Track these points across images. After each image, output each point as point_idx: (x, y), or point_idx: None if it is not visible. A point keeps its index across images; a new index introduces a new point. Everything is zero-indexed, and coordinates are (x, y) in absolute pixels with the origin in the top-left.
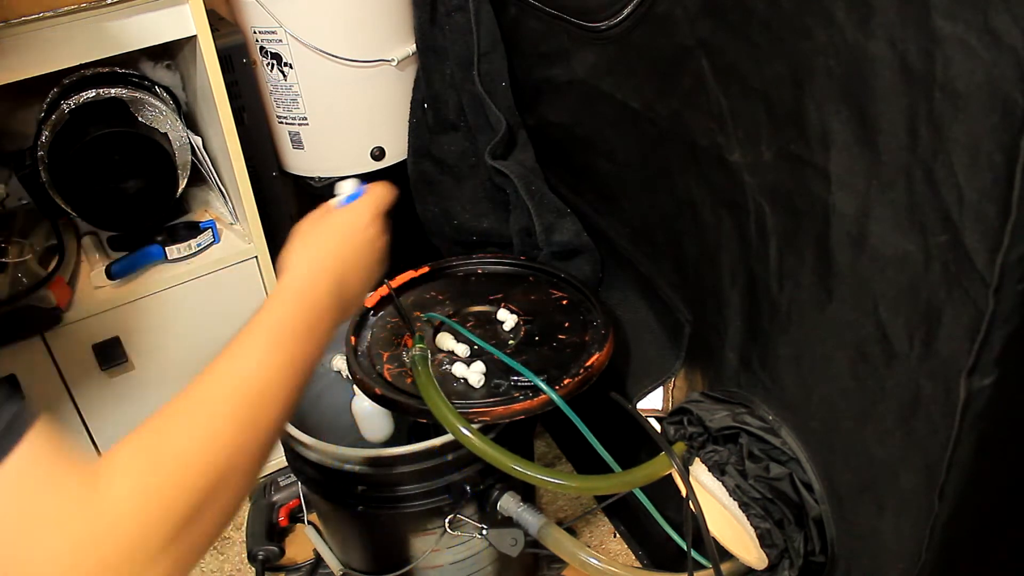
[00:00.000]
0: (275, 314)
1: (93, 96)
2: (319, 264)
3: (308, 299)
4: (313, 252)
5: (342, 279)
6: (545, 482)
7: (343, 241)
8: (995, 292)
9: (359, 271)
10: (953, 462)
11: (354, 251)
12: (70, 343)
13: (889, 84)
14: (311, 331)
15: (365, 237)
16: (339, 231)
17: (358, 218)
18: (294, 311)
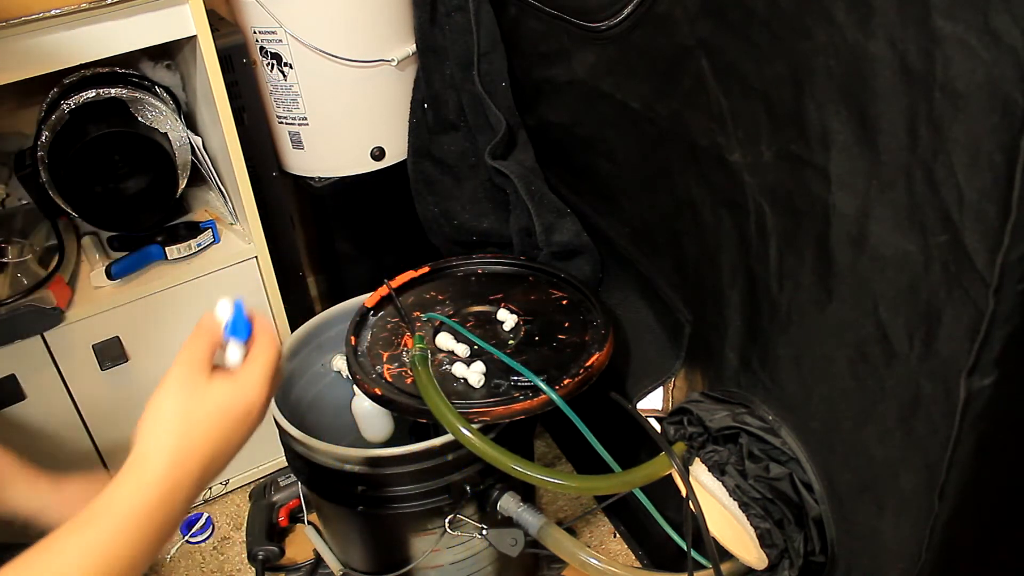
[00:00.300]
0: (123, 506)
1: (93, 96)
2: (189, 447)
3: (157, 516)
4: (184, 430)
5: (209, 466)
6: (545, 482)
7: (222, 421)
8: (995, 292)
9: (232, 450)
10: (953, 462)
11: (232, 431)
12: (70, 343)
13: (889, 84)
14: (142, 557)
15: (249, 416)
16: (221, 408)
17: (255, 399)
18: (129, 534)
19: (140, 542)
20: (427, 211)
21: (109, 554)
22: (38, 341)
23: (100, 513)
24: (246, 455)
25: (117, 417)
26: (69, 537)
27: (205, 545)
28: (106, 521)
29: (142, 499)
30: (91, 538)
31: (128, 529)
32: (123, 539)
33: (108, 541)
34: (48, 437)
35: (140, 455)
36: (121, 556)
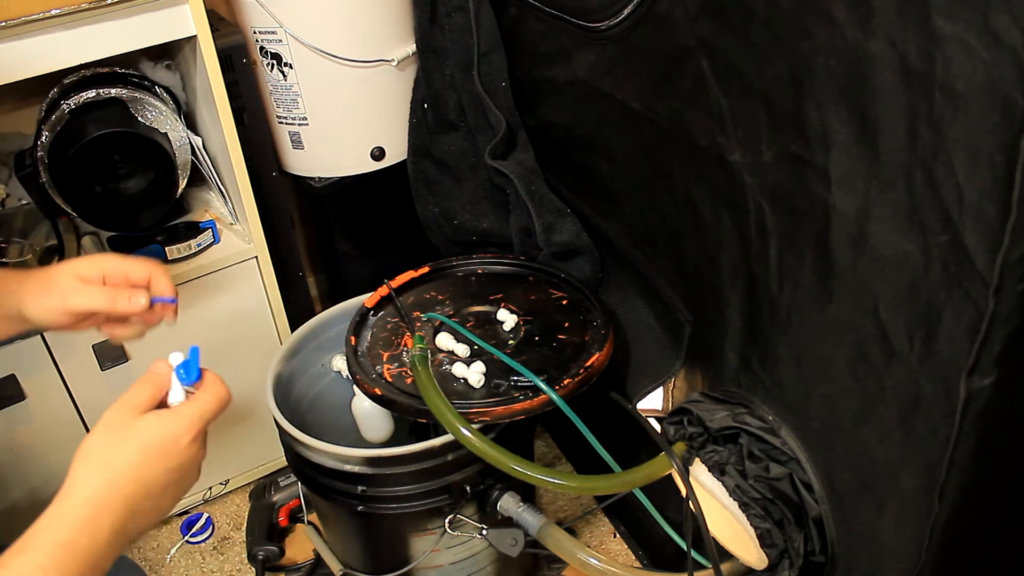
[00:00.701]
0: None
1: (93, 96)
2: (111, 487)
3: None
4: (111, 469)
5: (136, 509)
6: (545, 482)
7: (146, 452)
8: (995, 292)
9: (161, 499)
10: (953, 462)
11: (156, 461)
12: (70, 343)
13: (889, 84)
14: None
15: (181, 459)
16: (151, 448)
17: (177, 432)
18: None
19: (64, 573)
20: (427, 211)
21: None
22: (38, 341)
23: (22, 547)
24: (246, 455)
25: None
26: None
27: (205, 545)
28: (31, 555)
29: (61, 531)
30: (14, 572)
31: (50, 563)
32: (46, 570)
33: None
34: (48, 437)
35: (65, 489)
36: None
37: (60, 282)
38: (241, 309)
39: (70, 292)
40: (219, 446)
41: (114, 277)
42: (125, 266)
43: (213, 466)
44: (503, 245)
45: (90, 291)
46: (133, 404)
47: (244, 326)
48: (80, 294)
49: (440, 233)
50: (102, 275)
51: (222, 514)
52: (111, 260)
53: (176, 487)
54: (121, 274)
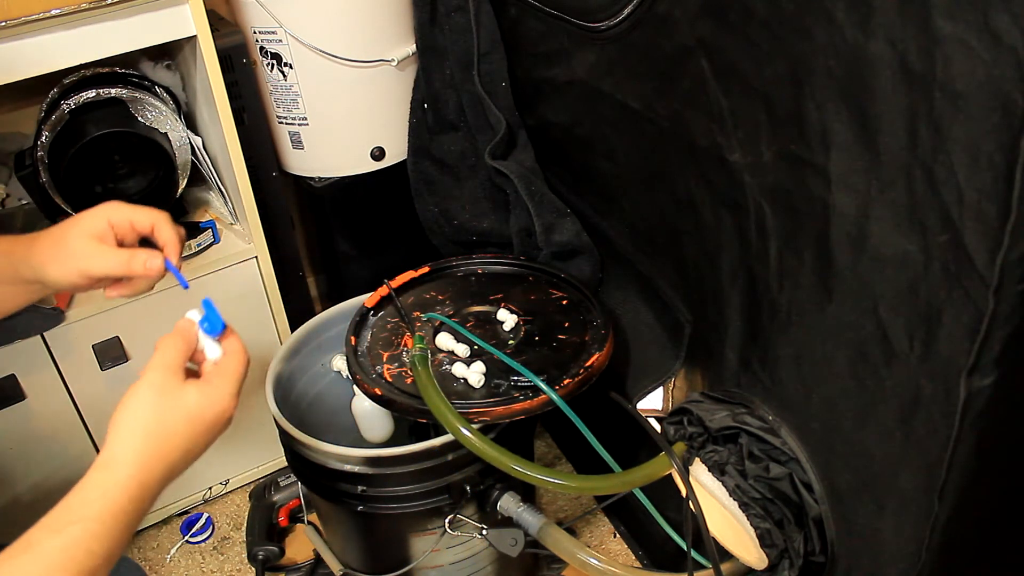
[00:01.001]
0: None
1: (93, 96)
2: (157, 452)
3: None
4: (154, 434)
5: (175, 469)
6: (545, 482)
7: (192, 427)
8: (995, 292)
9: (197, 454)
10: (953, 462)
11: (200, 437)
12: (70, 343)
13: (889, 84)
14: (116, 552)
15: (218, 423)
16: (198, 422)
17: (224, 406)
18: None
19: (112, 540)
20: (427, 211)
21: (85, 554)
22: (38, 341)
23: (76, 515)
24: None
25: None
26: (49, 538)
27: (205, 545)
28: (82, 524)
29: (113, 501)
30: (69, 539)
31: (102, 530)
32: (98, 540)
33: (85, 542)
34: (48, 437)
35: (111, 457)
36: (95, 554)
37: (75, 245)
38: (241, 309)
39: (87, 256)
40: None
41: (120, 226)
42: (130, 214)
43: (213, 466)
44: (503, 245)
45: (107, 255)
46: (172, 365)
47: (244, 326)
48: (97, 258)
49: (440, 233)
50: (110, 227)
51: (222, 514)
52: (116, 209)
53: (202, 452)
54: (126, 222)
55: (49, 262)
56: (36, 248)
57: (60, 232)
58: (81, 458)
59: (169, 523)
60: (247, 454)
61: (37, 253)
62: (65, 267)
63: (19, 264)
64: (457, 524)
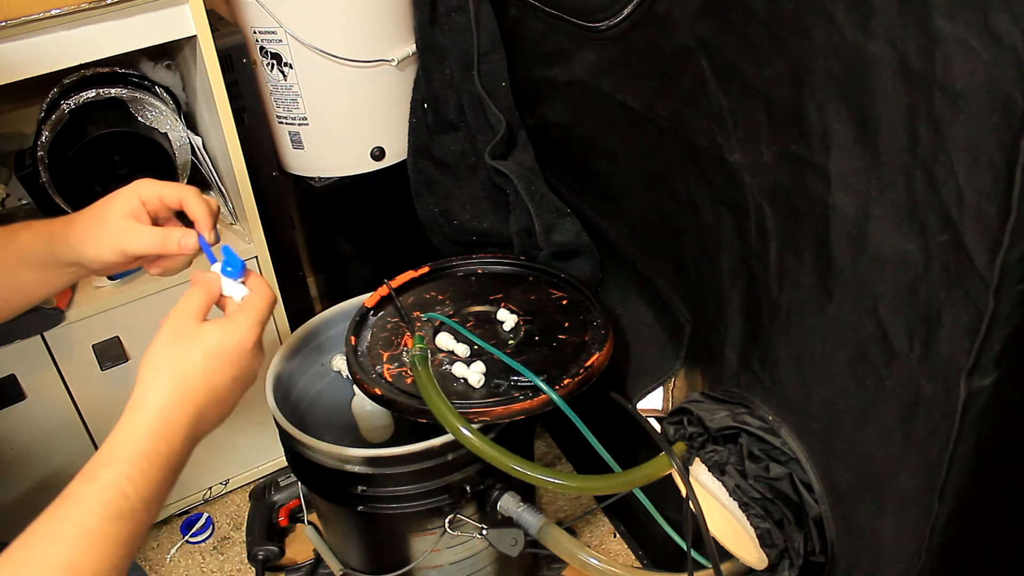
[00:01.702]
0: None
1: (93, 96)
2: (182, 387)
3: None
4: (177, 371)
5: (206, 404)
6: (545, 482)
7: (213, 361)
8: (995, 292)
9: (226, 390)
10: (953, 462)
11: (224, 370)
12: (70, 343)
13: (889, 84)
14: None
15: (242, 355)
16: (218, 356)
17: (241, 339)
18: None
19: (147, 482)
20: (427, 211)
21: (120, 496)
22: (38, 341)
23: (106, 458)
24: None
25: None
26: (83, 485)
27: (205, 545)
28: (112, 467)
29: (141, 440)
30: (102, 483)
31: (134, 471)
32: (130, 480)
33: (118, 483)
34: (48, 437)
35: (138, 398)
36: (131, 496)
37: (111, 224)
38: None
39: (123, 234)
40: (219, 446)
41: (151, 203)
42: (160, 190)
43: (213, 466)
44: (503, 245)
45: (142, 233)
46: (192, 310)
47: None
48: (133, 237)
49: (440, 233)
50: (142, 204)
51: (222, 514)
52: (146, 185)
53: (239, 392)
54: (156, 198)
55: (86, 241)
56: (73, 229)
57: (97, 212)
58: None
59: (169, 523)
60: (247, 454)
61: (75, 234)
62: (102, 246)
63: (58, 247)
64: (457, 524)
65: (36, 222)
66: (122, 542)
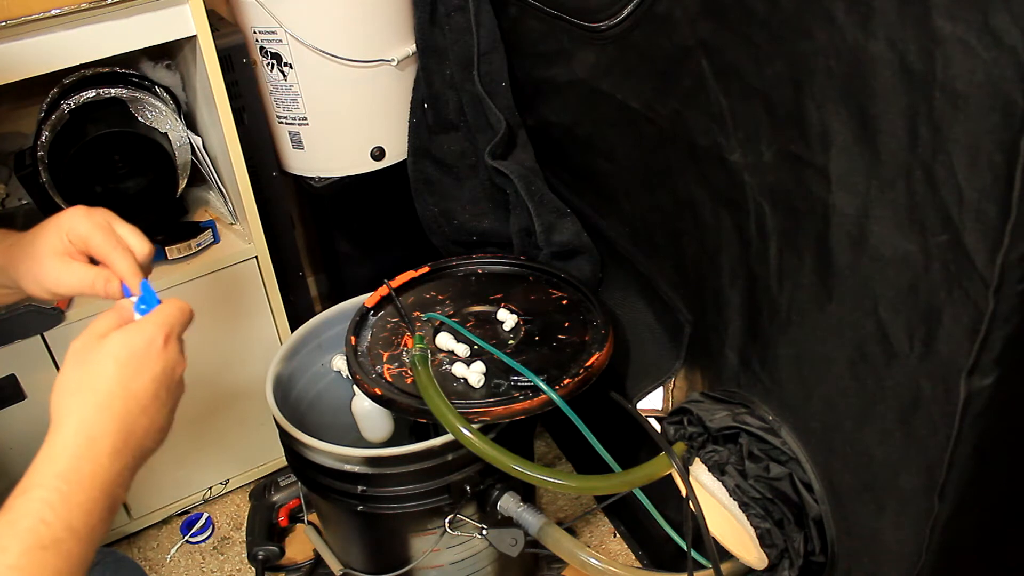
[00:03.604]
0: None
1: (93, 96)
2: (98, 409)
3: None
4: (90, 392)
5: (133, 425)
6: (545, 482)
7: (131, 372)
8: (995, 292)
9: (152, 411)
10: (953, 462)
11: (146, 384)
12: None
13: (889, 84)
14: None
15: (159, 365)
16: (126, 359)
17: (147, 336)
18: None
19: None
20: (427, 211)
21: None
22: (38, 341)
23: (23, 487)
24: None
25: None
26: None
27: (205, 545)
28: (31, 493)
29: (62, 459)
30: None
31: (53, 496)
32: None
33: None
34: None
35: (54, 424)
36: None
37: (43, 263)
38: (241, 309)
39: (53, 275)
40: (219, 446)
41: (78, 243)
42: (88, 234)
43: (213, 466)
44: (503, 245)
45: (70, 276)
46: (97, 332)
47: (244, 326)
48: (62, 279)
49: (440, 233)
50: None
51: (222, 514)
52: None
53: (165, 396)
54: (82, 241)
55: (24, 276)
56: (13, 261)
57: (30, 248)
58: None
59: (169, 523)
60: (247, 454)
61: (14, 265)
62: (33, 284)
63: (9, 272)
64: (457, 524)
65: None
66: (56, 571)
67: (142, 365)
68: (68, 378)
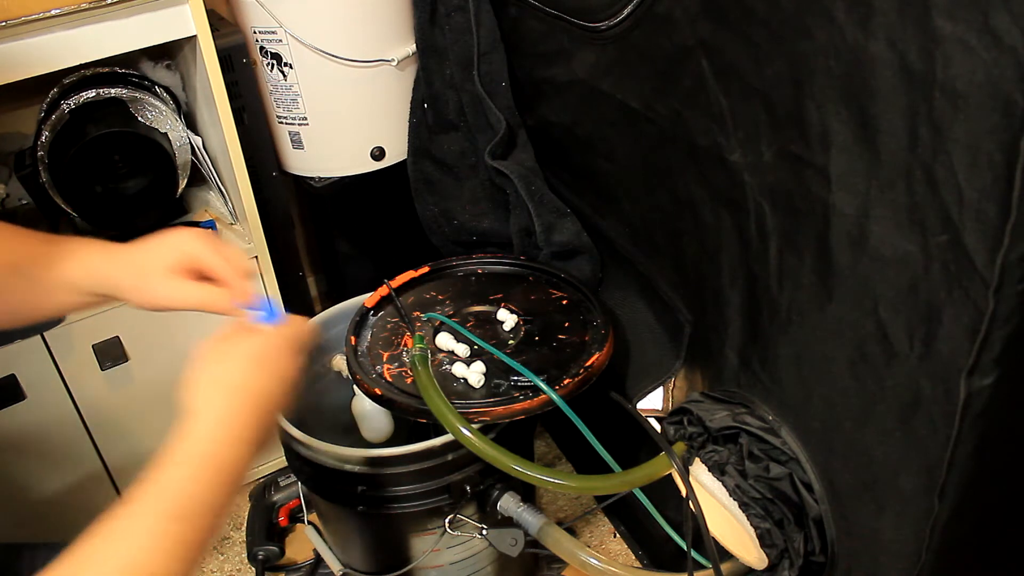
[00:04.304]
0: (174, 479)
1: (93, 96)
2: (237, 402)
3: (220, 458)
4: (227, 386)
5: (261, 419)
6: (545, 482)
7: (260, 371)
8: (995, 292)
9: (275, 407)
10: (953, 462)
11: (273, 384)
12: (70, 343)
13: (889, 84)
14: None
15: (282, 369)
16: (255, 359)
17: (279, 342)
18: (196, 475)
19: (203, 484)
20: (427, 211)
21: (184, 496)
22: (38, 341)
23: (167, 463)
24: None
25: (117, 417)
26: (146, 488)
27: None
28: (174, 470)
29: (203, 442)
30: (164, 486)
31: (190, 472)
32: (192, 482)
33: (181, 486)
34: (48, 437)
35: (191, 411)
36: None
37: (154, 280)
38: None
39: (167, 292)
40: None
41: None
42: (201, 255)
43: None
44: (503, 245)
45: (184, 293)
46: (230, 336)
47: None
48: (176, 297)
49: (440, 233)
50: (185, 259)
51: None
52: (190, 243)
53: (283, 400)
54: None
55: (129, 291)
56: (116, 274)
57: (138, 265)
58: (81, 458)
59: None
60: None
61: (118, 279)
62: (143, 298)
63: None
64: (457, 524)
65: (81, 249)
66: (184, 544)
67: (274, 368)
68: (205, 371)
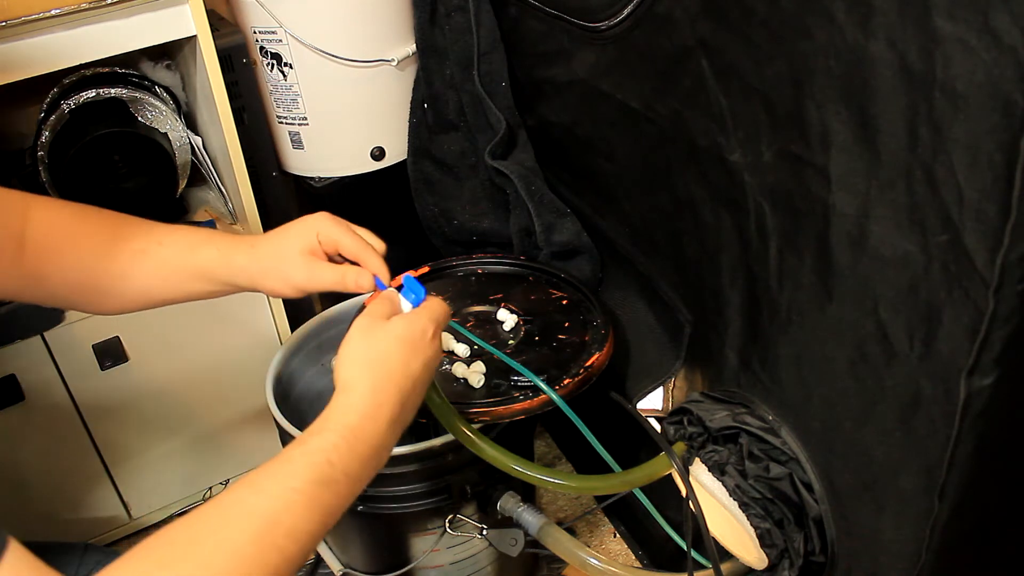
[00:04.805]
0: (321, 446)
1: (93, 96)
2: (386, 380)
3: (366, 431)
4: (378, 365)
5: (406, 400)
6: (545, 482)
7: (411, 354)
8: (995, 292)
9: (420, 389)
10: (953, 462)
11: (411, 352)
12: (70, 343)
13: (889, 84)
14: (357, 474)
15: (429, 353)
16: (407, 343)
17: (427, 325)
18: (342, 444)
19: (351, 455)
20: (427, 211)
21: (325, 463)
22: (38, 341)
23: (318, 428)
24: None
25: (117, 417)
26: (293, 448)
27: None
28: (321, 435)
29: (354, 414)
30: (309, 447)
31: (340, 442)
32: (337, 451)
33: (324, 451)
34: (48, 437)
35: (344, 385)
36: (335, 465)
37: (291, 262)
38: (241, 309)
39: (304, 273)
40: (219, 446)
41: (328, 244)
42: (338, 236)
43: (213, 466)
44: (503, 245)
45: (321, 273)
46: (378, 314)
47: (244, 326)
48: (314, 277)
49: (440, 233)
50: (319, 242)
51: None
52: (325, 224)
53: (426, 382)
54: (332, 243)
55: (267, 275)
56: (254, 261)
57: (276, 247)
58: (81, 458)
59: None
60: (247, 454)
61: (255, 265)
62: (280, 281)
63: (236, 274)
64: (457, 524)
65: (218, 238)
66: (322, 508)
67: (418, 349)
68: (356, 349)
